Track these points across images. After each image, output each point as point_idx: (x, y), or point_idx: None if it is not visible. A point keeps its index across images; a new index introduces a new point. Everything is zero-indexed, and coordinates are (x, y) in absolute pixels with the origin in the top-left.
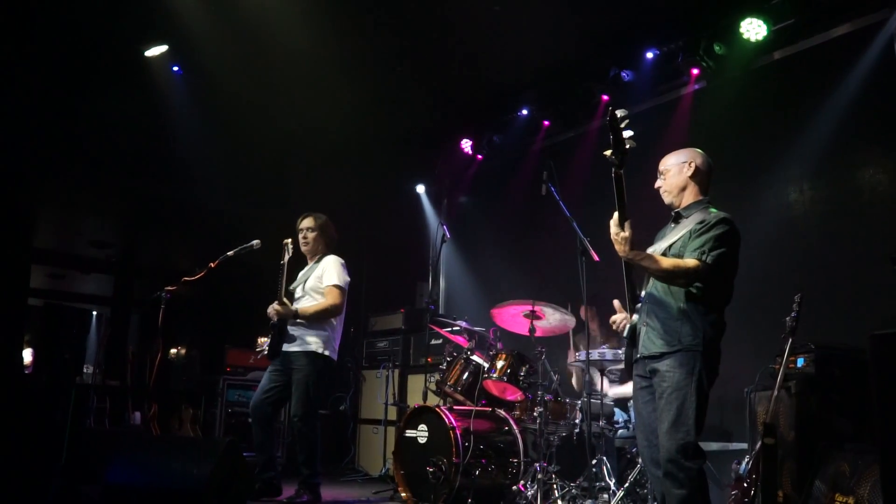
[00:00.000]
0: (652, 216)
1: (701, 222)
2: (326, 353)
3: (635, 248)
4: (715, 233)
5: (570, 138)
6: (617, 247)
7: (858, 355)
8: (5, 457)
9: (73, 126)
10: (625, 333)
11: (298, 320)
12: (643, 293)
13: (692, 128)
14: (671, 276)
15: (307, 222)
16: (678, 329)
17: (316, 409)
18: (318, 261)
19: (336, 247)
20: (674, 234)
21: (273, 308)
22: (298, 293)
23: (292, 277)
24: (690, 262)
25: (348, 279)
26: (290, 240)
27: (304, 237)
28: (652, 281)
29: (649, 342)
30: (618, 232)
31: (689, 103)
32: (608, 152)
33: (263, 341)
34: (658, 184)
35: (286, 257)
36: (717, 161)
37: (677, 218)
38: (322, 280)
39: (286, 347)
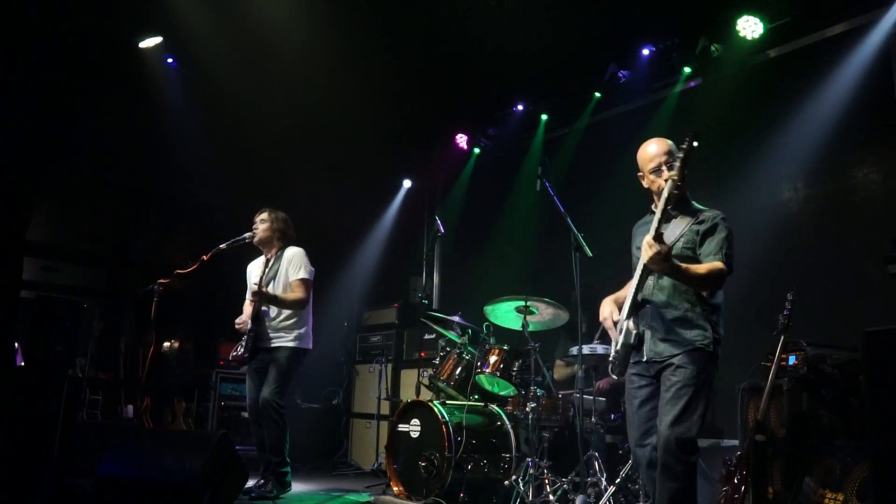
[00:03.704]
0: (639, 214)
1: (701, 221)
2: (304, 345)
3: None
4: (723, 234)
5: (564, 134)
6: (657, 265)
7: (850, 353)
8: None
9: (66, 119)
10: (620, 337)
11: (273, 322)
12: (640, 296)
13: (686, 125)
14: (708, 283)
15: (262, 216)
16: (687, 332)
17: (285, 398)
18: (279, 256)
19: (294, 242)
20: (669, 234)
21: (254, 289)
22: (270, 289)
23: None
24: (718, 264)
25: (312, 269)
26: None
27: (255, 227)
28: (653, 284)
29: (656, 345)
30: (659, 250)
31: (683, 100)
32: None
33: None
34: (668, 174)
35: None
36: (712, 158)
37: (667, 218)
38: (289, 275)
39: (269, 344)
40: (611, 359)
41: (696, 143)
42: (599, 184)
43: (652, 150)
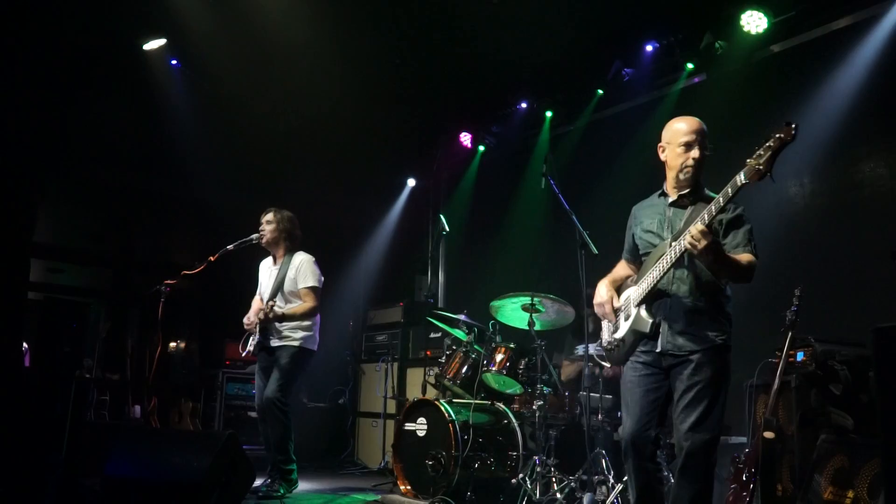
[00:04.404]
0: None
1: (723, 210)
2: (309, 346)
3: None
4: (748, 225)
5: (569, 131)
6: (707, 255)
7: (859, 349)
8: (6, 450)
9: (71, 120)
10: (626, 323)
11: (284, 322)
12: (659, 286)
13: None
14: (746, 275)
15: (268, 216)
16: (708, 328)
17: (290, 396)
18: (287, 260)
19: (301, 244)
20: (686, 224)
21: (261, 311)
22: (279, 300)
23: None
24: (752, 257)
25: (322, 277)
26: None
27: (262, 229)
28: (673, 275)
29: (674, 338)
30: (714, 239)
31: (688, 96)
32: (766, 170)
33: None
34: (696, 154)
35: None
36: (717, 154)
37: (683, 202)
38: (297, 282)
39: (273, 343)
40: (607, 345)
41: (793, 137)
42: (605, 181)
43: (689, 125)
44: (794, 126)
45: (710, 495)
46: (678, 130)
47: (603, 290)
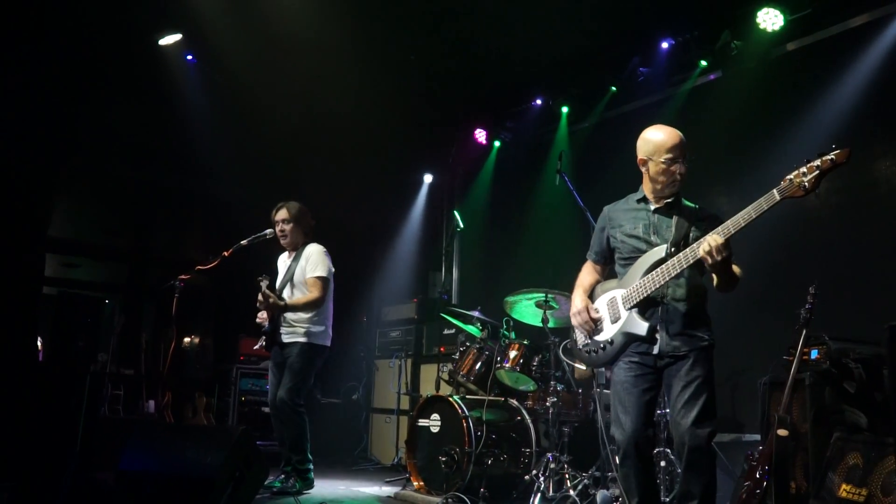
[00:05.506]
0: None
1: (703, 219)
2: (319, 342)
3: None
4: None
5: (584, 128)
6: (720, 267)
7: (873, 347)
8: (22, 443)
9: (85, 116)
10: (615, 326)
11: (291, 313)
12: (655, 291)
13: (706, 118)
14: (736, 285)
15: (282, 214)
16: (699, 329)
17: (304, 395)
18: (300, 253)
19: (314, 234)
20: (677, 231)
21: (262, 297)
22: (287, 292)
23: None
24: (739, 269)
25: (332, 269)
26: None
27: (282, 230)
28: (669, 282)
29: (672, 340)
30: (730, 252)
31: (702, 93)
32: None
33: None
34: (682, 170)
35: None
36: (731, 151)
37: (667, 210)
38: (306, 272)
39: (284, 338)
40: (585, 347)
41: (847, 160)
42: (619, 178)
43: (671, 140)
44: (849, 151)
45: (716, 485)
46: (660, 146)
47: (578, 301)
